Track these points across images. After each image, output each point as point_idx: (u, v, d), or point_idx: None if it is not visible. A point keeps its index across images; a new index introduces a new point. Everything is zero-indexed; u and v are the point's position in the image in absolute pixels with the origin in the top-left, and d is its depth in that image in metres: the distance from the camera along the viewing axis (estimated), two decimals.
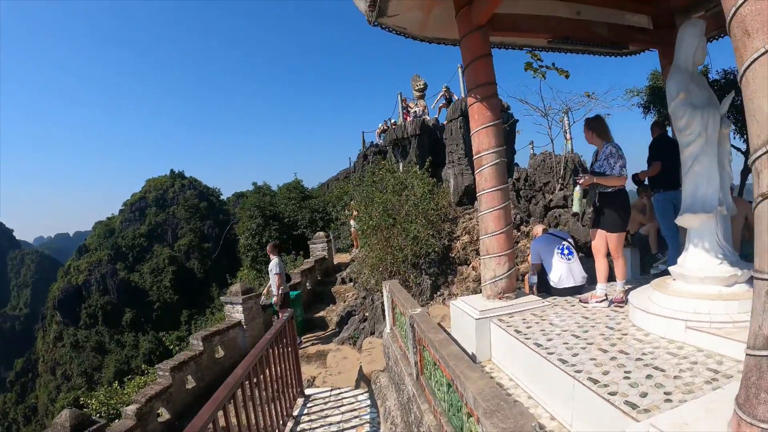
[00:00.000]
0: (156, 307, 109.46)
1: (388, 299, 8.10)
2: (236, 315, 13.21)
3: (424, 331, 4.74)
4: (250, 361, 5.60)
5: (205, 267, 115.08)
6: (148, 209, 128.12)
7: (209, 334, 12.02)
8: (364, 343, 11.34)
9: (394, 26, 8.01)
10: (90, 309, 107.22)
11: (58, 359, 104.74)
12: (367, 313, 13.11)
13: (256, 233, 27.60)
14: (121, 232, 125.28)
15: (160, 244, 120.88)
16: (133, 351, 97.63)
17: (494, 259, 6.70)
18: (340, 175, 41.47)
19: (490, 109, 6.67)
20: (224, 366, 12.24)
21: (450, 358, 3.82)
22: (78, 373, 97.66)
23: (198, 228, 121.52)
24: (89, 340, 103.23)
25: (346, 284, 17.41)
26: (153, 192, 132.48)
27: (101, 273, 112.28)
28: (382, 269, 12.85)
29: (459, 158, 16.91)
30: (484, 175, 6.71)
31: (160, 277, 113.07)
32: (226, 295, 13.80)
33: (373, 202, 13.80)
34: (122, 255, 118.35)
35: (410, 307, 5.86)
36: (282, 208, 29.08)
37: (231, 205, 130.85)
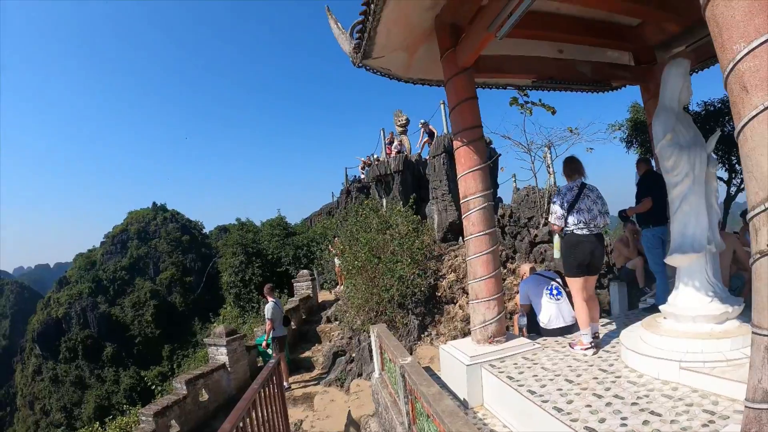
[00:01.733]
0: (137, 342, 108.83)
1: (376, 344, 8.00)
2: (220, 357, 13.07)
3: (416, 384, 4.66)
4: (238, 414, 5.46)
5: (187, 301, 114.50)
6: (130, 242, 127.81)
7: (193, 378, 11.82)
8: (351, 386, 11.21)
9: (378, 68, 8.05)
10: (70, 343, 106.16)
11: (36, 393, 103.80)
12: (354, 354, 12.96)
13: (240, 270, 27.43)
14: (102, 264, 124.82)
15: (141, 278, 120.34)
16: (114, 386, 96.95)
17: (483, 303, 6.64)
18: (323, 209, 41.40)
19: (476, 153, 6.67)
20: (209, 410, 12.10)
21: (445, 414, 3.74)
22: (57, 408, 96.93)
23: (180, 261, 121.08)
24: (69, 375, 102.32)
25: (331, 323, 17.23)
26: (135, 224, 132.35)
27: (82, 306, 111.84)
28: (368, 309, 12.75)
29: (443, 194, 16.92)
30: (471, 220, 6.68)
31: (141, 311, 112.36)
32: (209, 337, 13.71)
33: (358, 241, 13.76)
34: (103, 288, 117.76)
35: (400, 355, 5.77)
36: (265, 244, 28.96)
37: (213, 238, 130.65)
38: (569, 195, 6.50)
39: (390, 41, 7.12)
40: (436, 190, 17.22)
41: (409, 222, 13.85)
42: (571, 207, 6.44)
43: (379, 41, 6.98)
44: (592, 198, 6.49)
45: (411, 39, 7.31)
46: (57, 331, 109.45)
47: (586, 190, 6.51)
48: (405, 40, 7.31)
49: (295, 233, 30.89)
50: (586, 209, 6.42)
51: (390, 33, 6.85)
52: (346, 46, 7.93)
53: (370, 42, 6.98)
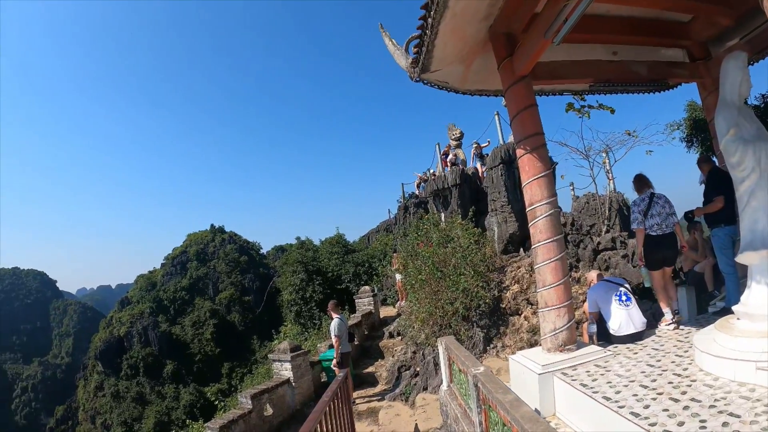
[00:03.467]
0: (197, 359, 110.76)
1: (444, 356, 7.97)
2: (285, 372, 13.20)
3: (491, 392, 4.64)
4: (310, 426, 5.52)
5: (246, 320, 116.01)
6: (190, 263, 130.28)
7: (258, 392, 11.98)
8: (417, 399, 11.19)
9: (435, 81, 8.12)
10: (131, 360, 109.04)
11: (98, 408, 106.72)
12: (419, 368, 12.92)
13: (300, 288, 27.47)
14: (162, 285, 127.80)
15: (201, 297, 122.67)
16: (174, 403, 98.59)
17: (553, 311, 6.58)
18: (380, 227, 41.44)
19: (540, 160, 6.66)
20: (273, 424, 12.22)
21: (525, 420, 3.72)
22: (118, 422, 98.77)
23: (239, 281, 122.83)
24: (130, 391, 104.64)
25: (394, 338, 17.20)
26: (194, 246, 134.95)
27: (143, 325, 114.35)
28: (432, 323, 12.70)
29: (502, 206, 16.78)
30: (538, 227, 6.65)
31: (201, 329, 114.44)
32: (274, 353, 13.85)
33: (420, 255, 13.73)
34: (164, 308, 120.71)
35: (472, 365, 5.76)
36: (325, 262, 29.07)
37: (271, 258, 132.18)
38: (642, 204, 7.71)
39: (447, 54, 7.18)
40: (494, 201, 17.11)
41: (470, 234, 13.76)
42: (645, 214, 7.64)
43: (437, 54, 7.06)
44: (660, 204, 7.67)
45: (466, 51, 7.36)
46: (119, 348, 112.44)
47: (655, 198, 7.70)
48: (461, 52, 7.36)
49: (354, 250, 30.90)
50: (657, 214, 7.62)
51: (447, 46, 6.92)
52: (403, 61, 8.01)
53: (428, 56, 7.06)
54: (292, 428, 12.21)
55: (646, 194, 7.79)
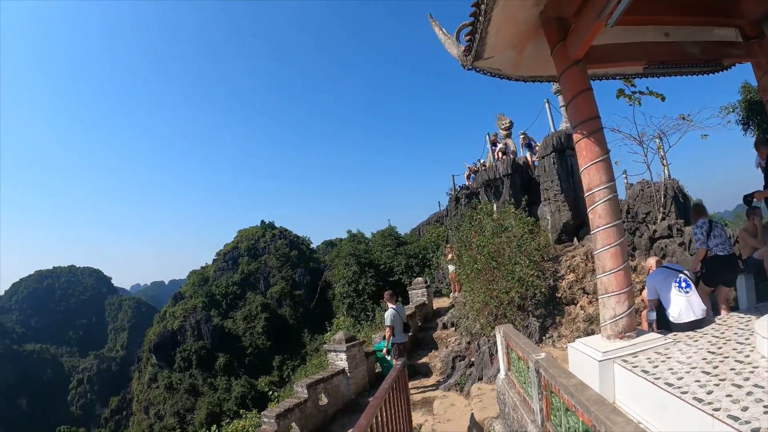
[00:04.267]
0: (248, 352, 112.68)
1: (502, 344, 7.92)
2: (340, 363, 13.30)
3: (554, 377, 4.61)
4: (372, 412, 5.55)
5: (297, 314, 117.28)
6: (241, 258, 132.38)
7: (314, 382, 12.09)
8: (472, 389, 11.16)
9: (488, 69, 8.06)
10: (184, 353, 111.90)
11: (152, 399, 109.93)
12: (473, 358, 12.87)
13: (353, 281, 27.55)
14: (214, 280, 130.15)
15: (252, 292, 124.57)
16: (226, 394, 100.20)
17: (613, 297, 6.49)
18: (431, 219, 41.35)
19: (597, 144, 6.57)
20: (328, 413, 12.33)
21: (590, 402, 3.70)
22: (171, 413, 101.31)
23: (289, 276, 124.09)
24: (183, 383, 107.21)
25: (447, 329, 17.17)
26: (245, 242, 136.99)
27: (196, 319, 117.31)
28: (487, 313, 12.64)
29: (555, 195, 16.59)
30: (597, 212, 6.56)
31: (252, 323, 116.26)
32: (329, 343, 13.99)
33: (473, 245, 13.66)
34: (216, 302, 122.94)
35: (533, 351, 5.72)
36: (377, 255, 29.22)
37: (321, 253, 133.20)
38: (704, 227, 8.03)
39: (499, 40, 7.14)
40: (547, 191, 16.93)
41: (524, 224, 13.64)
42: (708, 235, 7.99)
43: (490, 41, 7.01)
44: (719, 228, 8.09)
45: (519, 36, 7.30)
46: (172, 342, 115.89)
47: (713, 224, 8.10)
48: (513, 38, 7.31)
49: (405, 243, 30.86)
50: (719, 235, 7.99)
51: (499, 32, 6.87)
52: (454, 50, 7.98)
53: (480, 43, 7.01)
54: (347, 417, 12.35)
55: (704, 221, 8.10)
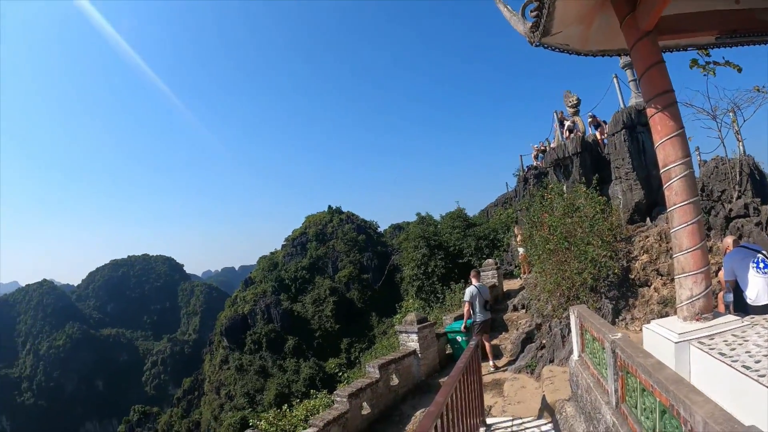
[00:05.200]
0: (317, 335, 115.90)
1: (575, 325, 7.76)
2: (411, 344, 13.35)
3: (632, 356, 4.49)
4: (448, 390, 5.54)
5: (365, 297, 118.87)
6: (309, 243, 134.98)
7: (385, 362, 12.18)
8: (543, 372, 11.00)
9: (556, 44, 7.89)
10: (255, 336, 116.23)
11: (223, 380, 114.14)
12: (545, 340, 12.70)
13: (422, 263, 27.51)
14: (284, 265, 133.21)
15: (321, 276, 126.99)
16: (294, 376, 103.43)
17: (690, 277, 6.27)
18: (498, 200, 41.02)
19: (672, 119, 6.34)
20: (398, 394, 12.42)
21: (669, 382, 3.58)
22: (241, 393, 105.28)
23: (357, 260, 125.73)
24: (253, 364, 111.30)
25: (518, 311, 17.01)
26: (313, 227, 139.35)
27: (266, 303, 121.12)
28: (559, 294, 12.43)
29: (626, 173, 16.14)
30: (673, 189, 6.33)
31: (321, 307, 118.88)
32: (401, 325, 14.05)
33: (548, 226, 13.43)
34: (285, 286, 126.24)
35: (609, 331, 5.59)
36: (446, 237, 29.00)
37: (388, 236, 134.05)
38: None
39: (567, 15, 6.96)
40: (618, 169, 16.51)
41: (596, 203, 13.30)
42: None
43: (558, 16, 6.84)
44: None
45: (586, 10, 7.13)
46: (243, 325, 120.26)
47: None
48: (580, 12, 7.14)
49: (474, 224, 30.56)
50: None
51: (566, 6, 6.71)
52: (520, 27, 7.83)
53: (548, 18, 6.85)
54: (417, 398, 12.42)
55: None
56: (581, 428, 6.82)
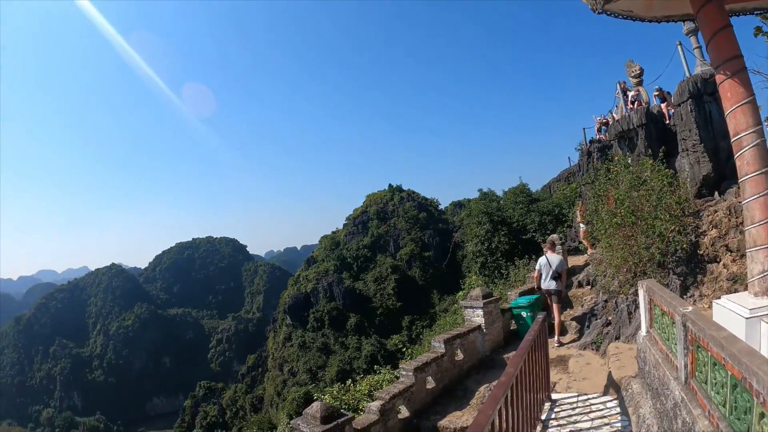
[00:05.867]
0: (379, 313, 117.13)
1: (644, 299, 7.59)
2: (476, 319, 13.28)
3: (704, 330, 4.37)
4: (517, 361, 5.53)
5: (427, 275, 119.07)
6: (370, 222, 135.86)
7: (451, 337, 12.18)
8: (609, 348, 10.86)
9: (619, 11, 7.71)
10: (317, 314, 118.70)
11: (286, 357, 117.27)
12: (611, 317, 12.48)
13: (485, 239, 27.37)
14: (345, 244, 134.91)
15: (382, 254, 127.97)
16: (356, 353, 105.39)
17: (762, 251, 6.05)
18: (561, 175, 40.38)
19: (741, 85, 6.11)
20: (462, 368, 12.44)
21: (742, 354, 3.47)
22: (303, 370, 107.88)
23: (419, 238, 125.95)
24: (315, 342, 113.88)
25: (583, 287, 16.75)
26: (373, 206, 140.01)
27: (328, 281, 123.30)
28: (626, 270, 12.18)
29: (693, 145, 15.58)
30: (745, 158, 6.10)
31: (383, 284, 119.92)
32: (465, 300, 14.04)
33: (610, 199, 13.15)
34: (347, 265, 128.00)
35: (679, 305, 5.44)
36: (509, 213, 28.76)
37: (449, 214, 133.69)
38: None
39: None
40: (685, 141, 15.98)
41: (663, 176, 12.90)
42: None
43: None
44: None
45: None
46: (306, 303, 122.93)
47: None
48: None
49: (537, 200, 30.29)
50: None
51: None
52: None
53: None
54: (481, 373, 12.43)
55: None
56: (647, 405, 6.71)
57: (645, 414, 6.54)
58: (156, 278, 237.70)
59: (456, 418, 10.45)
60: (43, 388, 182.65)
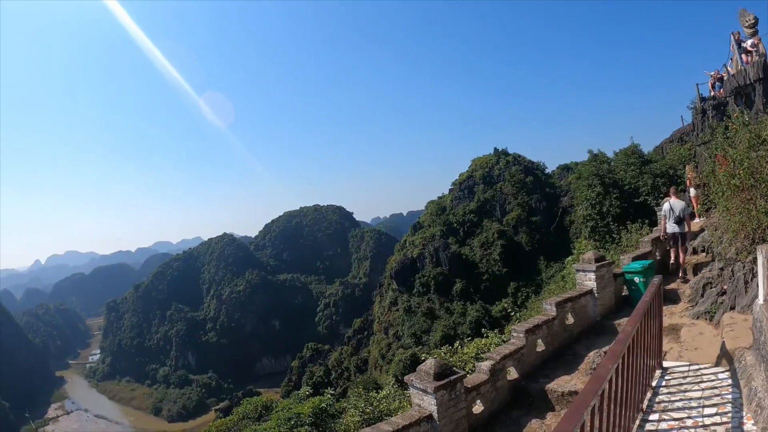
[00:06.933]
0: (484, 279, 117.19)
1: (763, 265, 7.22)
2: (588, 283, 13.17)
3: None
4: (635, 320, 5.45)
5: (533, 241, 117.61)
6: (476, 187, 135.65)
7: (562, 300, 12.20)
8: (723, 319, 10.40)
9: None
10: (423, 279, 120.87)
11: (391, 321, 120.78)
12: (726, 285, 11.92)
13: (596, 203, 26.67)
14: (451, 209, 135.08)
15: (489, 219, 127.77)
16: (461, 318, 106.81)
17: None
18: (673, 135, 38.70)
19: None
20: (573, 333, 12.43)
21: None
22: (408, 334, 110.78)
23: (525, 202, 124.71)
24: (421, 306, 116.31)
25: (697, 254, 16.15)
26: (479, 170, 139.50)
27: (434, 247, 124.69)
28: (743, 236, 11.58)
29: None
30: None
31: (489, 250, 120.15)
32: (578, 263, 13.89)
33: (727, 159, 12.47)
34: (453, 230, 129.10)
35: None
36: (621, 175, 27.91)
37: (556, 178, 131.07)
38: None
39: None
40: None
41: None
42: None
43: None
44: None
45: None
46: (412, 268, 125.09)
47: None
48: None
49: (650, 161, 29.11)
50: None
51: None
52: None
53: None
54: (591, 339, 12.39)
55: None
56: (761, 377, 6.44)
57: (757, 387, 6.28)
58: (266, 246, 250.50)
59: (564, 383, 10.45)
60: (160, 348, 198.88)
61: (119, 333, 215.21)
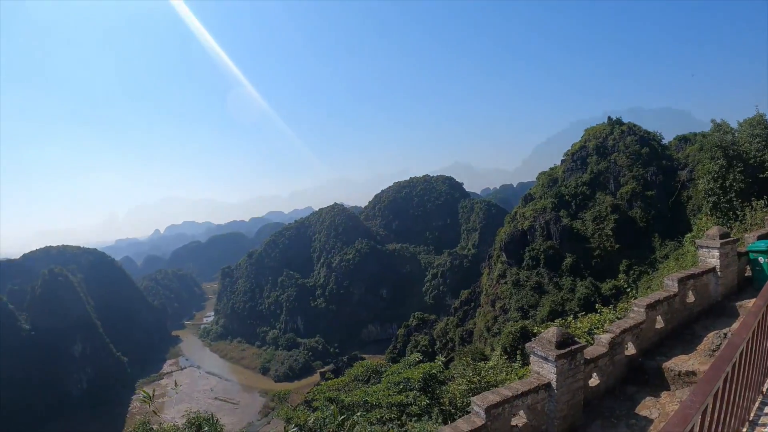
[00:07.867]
0: (595, 254, 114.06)
1: None
2: (711, 260, 12.58)
3: None
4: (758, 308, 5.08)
5: (648, 216, 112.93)
6: (589, 158, 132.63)
7: (685, 277, 11.79)
8: None
9: None
10: (533, 252, 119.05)
11: (498, 294, 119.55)
12: None
13: (718, 176, 25.12)
14: (563, 181, 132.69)
15: (602, 192, 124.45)
16: (569, 294, 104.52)
17: None
18: None
19: None
20: (693, 312, 12.04)
21: None
22: (515, 308, 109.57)
23: (640, 175, 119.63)
24: (529, 280, 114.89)
25: None
26: (592, 141, 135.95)
27: (545, 219, 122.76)
28: None
29: None
30: None
31: (601, 225, 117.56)
32: (702, 239, 13.26)
33: None
34: (565, 203, 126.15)
35: None
36: (746, 147, 26.04)
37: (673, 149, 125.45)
38: None
39: None
40: None
41: None
42: None
43: None
44: None
45: None
46: (522, 241, 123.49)
47: None
48: None
49: None
50: None
51: None
52: None
53: None
54: (711, 319, 11.97)
55: None
56: None
57: None
58: (375, 215, 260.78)
59: (682, 362, 10.19)
60: (271, 312, 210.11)
61: (233, 297, 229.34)
